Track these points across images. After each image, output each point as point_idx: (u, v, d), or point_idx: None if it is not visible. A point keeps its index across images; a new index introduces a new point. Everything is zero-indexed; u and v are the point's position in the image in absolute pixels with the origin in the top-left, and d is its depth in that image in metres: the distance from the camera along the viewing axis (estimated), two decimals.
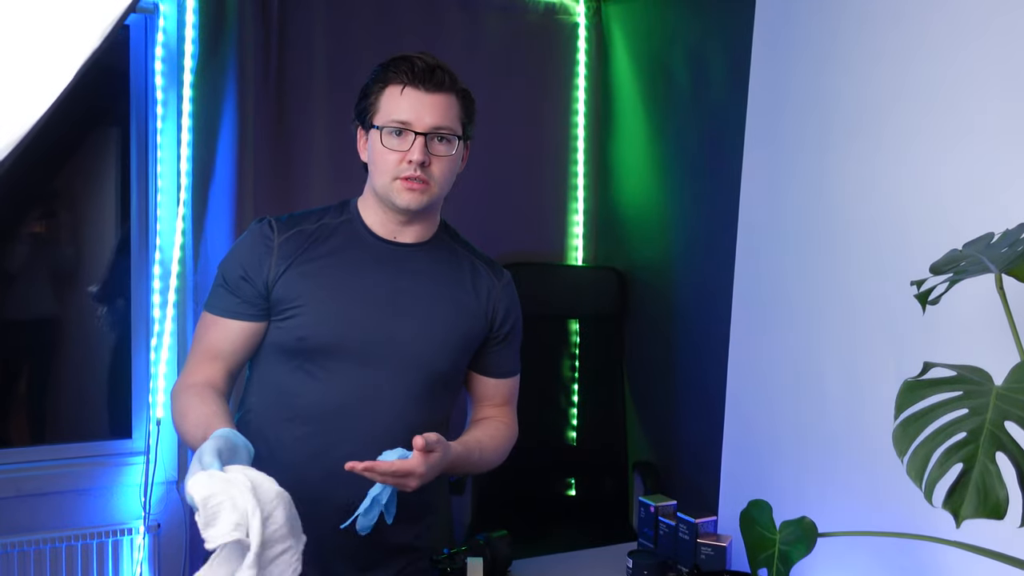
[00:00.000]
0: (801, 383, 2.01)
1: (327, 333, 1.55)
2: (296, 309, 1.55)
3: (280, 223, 1.59)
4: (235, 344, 1.58)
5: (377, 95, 1.53)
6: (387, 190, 1.53)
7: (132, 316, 2.65)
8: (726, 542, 1.88)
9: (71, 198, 2.72)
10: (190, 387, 1.53)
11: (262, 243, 1.57)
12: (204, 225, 2.56)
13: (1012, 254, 1.25)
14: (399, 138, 1.50)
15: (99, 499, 2.59)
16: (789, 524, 1.38)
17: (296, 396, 1.56)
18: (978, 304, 1.47)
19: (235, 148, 2.54)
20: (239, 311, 1.56)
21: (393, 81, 1.52)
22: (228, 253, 1.62)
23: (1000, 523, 1.10)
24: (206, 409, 1.46)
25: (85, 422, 2.74)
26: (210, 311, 1.59)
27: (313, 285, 1.55)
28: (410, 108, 1.50)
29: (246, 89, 2.53)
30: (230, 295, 1.56)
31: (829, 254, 1.94)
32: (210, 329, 1.58)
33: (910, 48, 1.75)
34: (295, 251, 1.56)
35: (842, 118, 1.92)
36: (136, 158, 2.63)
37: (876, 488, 1.78)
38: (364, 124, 1.56)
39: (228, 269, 1.58)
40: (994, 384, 0.98)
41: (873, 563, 1.75)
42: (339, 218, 1.61)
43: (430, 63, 1.52)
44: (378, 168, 1.53)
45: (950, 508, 0.89)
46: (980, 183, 1.60)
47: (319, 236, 1.59)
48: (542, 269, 3.05)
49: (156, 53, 2.55)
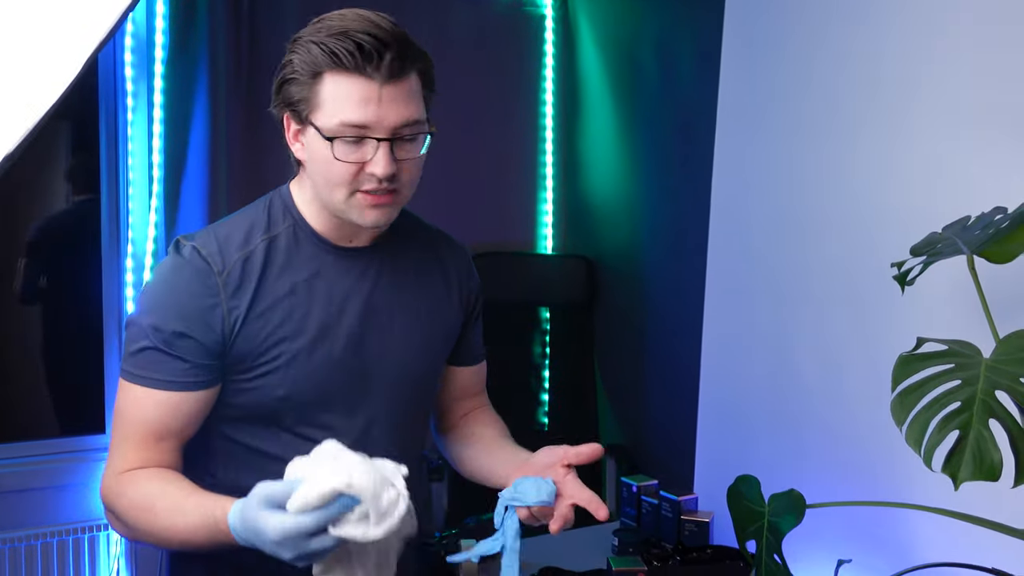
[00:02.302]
0: (775, 365, 2.08)
1: (315, 386, 1.26)
2: (270, 364, 1.23)
3: (214, 251, 1.22)
4: (188, 418, 1.23)
5: (311, 84, 1.18)
6: (344, 207, 1.21)
7: (104, 311, 2.62)
8: (708, 518, 1.95)
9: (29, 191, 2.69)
10: (136, 475, 1.20)
11: (200, 286, 1.21)
12: (176, 219, 2.55)
13: (984, 236, 1.32)
14: (354, 145, 1.17)
15: (75, 495, 2.57)
16: (778, 496, 1.44)
17: (284, 464, 1.13)
18: (952, 285, 1.55)
19: (207, 140, 2.53)
20: (187, 379, 1.21)
21: (332, 68, 1.16)
22: (148, 302, 1.23)
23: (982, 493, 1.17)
24: (183, 488, 1.18)
25: (56, 418, 2.71)
26: (142, 384, 1.20)
27: (286, 329, 1.24)
28: (365, 108, 1.16)
29: (217, 80, 2.52)
30: (170, 360, 1.19)
31: (801, 238, 2.01)
32: (146, 405, 1.21)
33: (881, 36, 1.82)
34: (248, 286, 1.22)
35: (814, 105, 1.99)
36: (106, 151, 2.60)
37: (850, 462, 1.86)
38: (296, 115, 1.22)
39: (159, 325, 1.19)
40: (983, 357, 1.05)
41: (849, 534, 1.83)
42: (282, 225, 1.28)
43: (380, 37, 1.16)
44: (327, 180, 1.20)
45: (948, 472, 0.95)
46: (951, 169, 1.68)
47: (270, 257, 1.25)
48: (512, 258, 3.09)
49: (125, 44, 2.52)
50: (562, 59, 3.13)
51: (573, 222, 3.16)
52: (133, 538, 1.23)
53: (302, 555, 1.03)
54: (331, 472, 1.01)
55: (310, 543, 1.02)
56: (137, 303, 1.26)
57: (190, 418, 1.24)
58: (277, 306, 1.24)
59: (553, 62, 3.12)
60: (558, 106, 3.14)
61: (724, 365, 2.26)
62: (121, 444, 1.22)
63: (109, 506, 1.23)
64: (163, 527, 1.17)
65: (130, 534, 1.23)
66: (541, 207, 3.16)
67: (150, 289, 1.25)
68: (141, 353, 1.21)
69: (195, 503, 1.16)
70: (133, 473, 1.21)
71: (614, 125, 2.92)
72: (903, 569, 1.17)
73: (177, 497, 1.18)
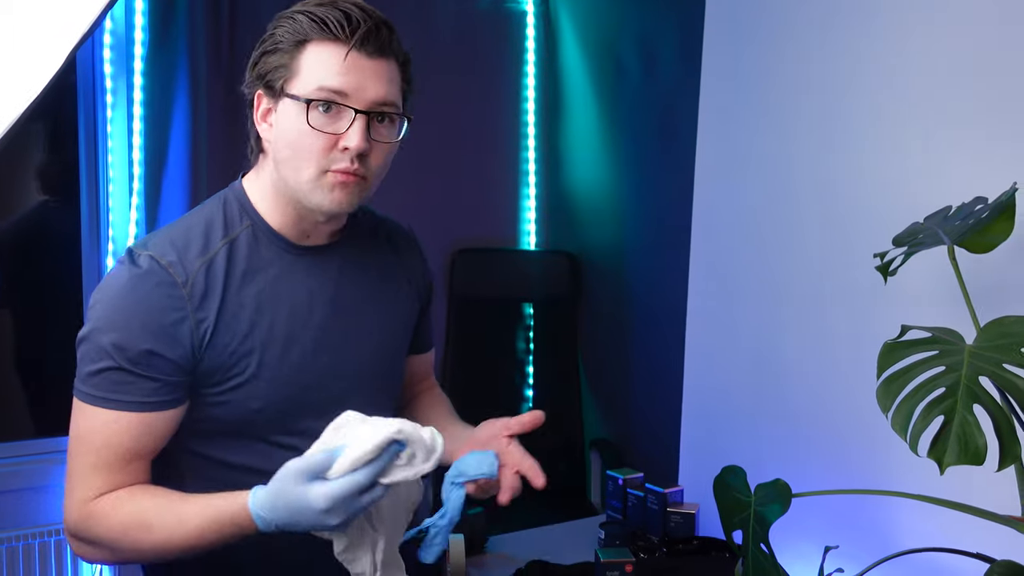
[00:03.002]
0: (758, 357, 2.09)
1: (290, 394, 1.22)
2: (241, 375, 1.19)
3: (174, 260, 1.16)
4: (159, 438, 1.18)
5: (293, 52, 1.15)
6: (309, 187, 1.17)
7: (84, 311, 2.59)
8: (694, 510, 1.96)
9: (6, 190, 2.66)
10: (116, 498, 1.14)
11: (164, 298, 1.14)
12: (157, 217, 2.53)
13: (964, 227, 1.34)
14: (329, 115, 1.15)
15: (53, 496, 2.54)
16: (764, 486, 1.45)
17: (261, 476, 1.13)
18: (933, 275, 1.56)
19: (188, 138, 2.51)
20: (158, 399, 1.15)
21: (319, 37, 1.14)
22: (106, 317, 1.13)
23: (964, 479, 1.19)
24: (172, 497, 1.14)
25: (36, 418, 2.69)
26: (108, 407, 1.13)
27: (255, 338, 1.19)
28: (346, 75, 1.14)
29: (198, 77, 2.51)
30: (137, 380, 1.13)
31: (784, 231, 2.03)
32: (113, 430, 1.14)
33: (862, 30, 1.84)
34: (214, 296, 1.17)
35: (796, 98, 2.00)
36: (85, 150, 2.57)
37: (833, 452, 1.88)
38: (270, 89, 1.17)
39: (122, 344, 1.12)
40: (966, 343, 1.06)
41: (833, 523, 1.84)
42: (240, 225, 1.23)
43: (368, 12, 1.17)
44: (298, 156, 1.16)
45: (934, 456, 0.97)
46: (935, 159, 1.70)
47: (232, 263, 1.20)
48: (495, 254, 3.10)
49: (104, 41, 2.50)
50: (544, 55, 3.13)
51: (556, 218, 3.17)
52: (113, 562, 1.20)
53: (352, 515, 1.06)
54: (375, 426, 1.06)
55: (361, 500, 1.05)
56: (89, 318, 1.15)
57: (161, 438, 1.18)
58: (243, 314, 1.19)
59: (535, 58, 3.13)
60: (540, 102, 3.14)
61: (707, 358, 2.27)
62: (85, 471, 1.15)
63: (81, 536, 1.16)
64: (162, 540, 1.13)
65: (111, 557, 1.17)
66: (524, 203, 3.16)
67: (105, 303, 1.15)
68: (102, 374, 1.13)
69: (197, 507, 1.13)
70: (107, 498, 1.15)
71: (596, 121, 2.93)
72: (888, 555, 1.19)
73: (172, 507, 1.14)
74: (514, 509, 2.69)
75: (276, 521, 1.08)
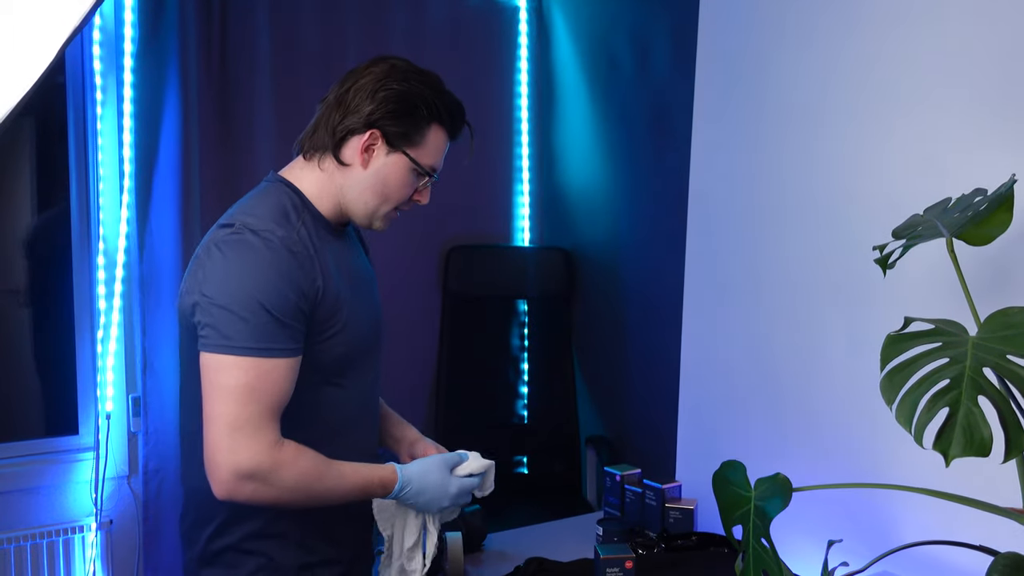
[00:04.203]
0: (755, 351, 2.09)
1: (360, 342, 1.48)
2: (336, 326, 1.42)
3: (283, 234, 1.37)
4: (295, 384, 1.38)
5: (426, 128, 1.46)
6: (375, 213, 1.48)
7: (75, 309, 2.58)
8: (693, 505, 1.95)
9: None
10: (297, 447, 1.35)
11: (294, 262, 1.36)
12: (148, 216, 2.51)
13: (963, 219, 1.33)
14: (417, 177, 1.48)
15: (48, 498, 2.52)
16: (764, 481, 1.44)
17: (319, 410, 1.44)
18: (932, 267, 1.56)
19: (179, 135, 2.49)
20: (299, 345, 1.37)
21: (443, 124, 1.47)
22: (250, 280, 1.33)
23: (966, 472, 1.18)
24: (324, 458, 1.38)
25: (27, 420, 2.66)
26: (270, 356, 1.32)
27: (341, 296, 1.43)
28: (441, 158, 1.51)
29: (188, 73, 2.48)
30: (289, 329, 1.34)
31: (781, 224, 2.02)
32: (278, 375, 1.34)
33: (859, 21, 1.83)
34: (313, 261, 1.40)
35: (792, 92, 2.00)
36: (75, 148, 2.55)
37: (832, 446, 1.87)
38: (392, 141, 1.44)
39: (277, 298, 1.33)
40: (969, 335, 1.06)
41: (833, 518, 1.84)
42: (303, 211, 1.45)
43: (464, 113, 1.51)
44: (382, 195, 1.46)
45: (939, 449, 0.96)
46: (930, 153, 1.69)
47: (311, 237, 1.42)
48: (489, 251, 3.08)
49: (93, 37, 2.48)
50: (536, 50, 3.12)
51: (550, 214, 3.16)
52: (281, 505, 1.37)
53: (457, 503, 1.51)
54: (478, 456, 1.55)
55: (466, 496, 1.51)
56: (223, 284, 1.33)
57: (293, 387, 1.37)
58: (330, 276, 1.41)
59: (527, 53, 3.11)
60: (533, 98, 3.13)
61: (704, 352, 2.27)
62: (261, 419, 1.31)
63: (266, 478, 1.32)
64: (325, 490, 1.38)
65: (287, 499, 1.35)
66: (517, 199, 3.15)
67: (244, 268, 1.33)
68: (260, 327, 1.31)
69: (351, 468, 1.41)
70: (288, 445, 1.34)
71: (590, 116, 2.92)
72: (891, 549, 1.18)
73: (330, 463, 1.38)
74: (510, 507, 2.68)
75: (411, 490, 1.44)
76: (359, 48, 2.72)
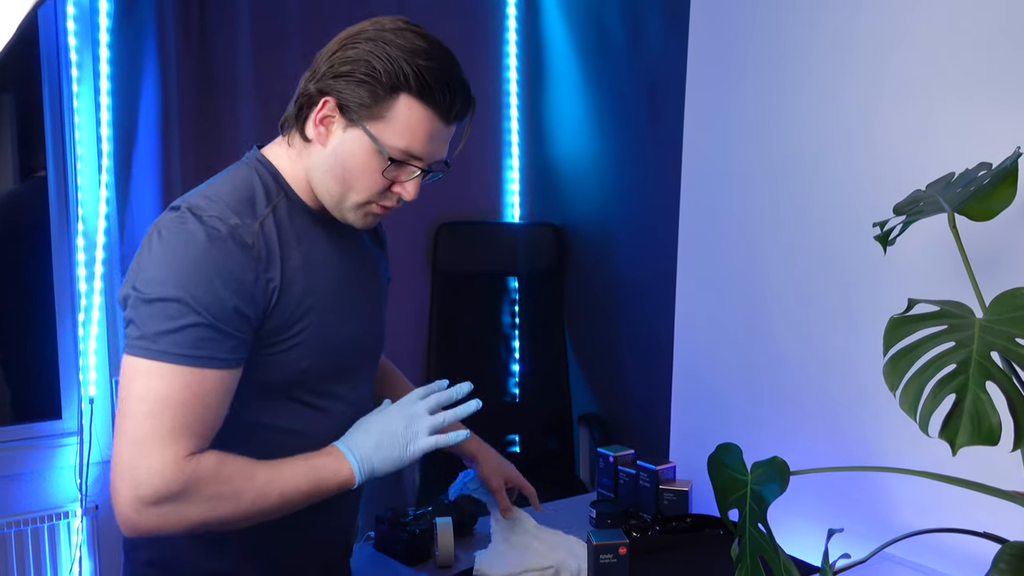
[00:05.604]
0: (750, 330, 2.05)
1: (331, 356, 1.26)
2: (297, 336, 1.21)
3: (238, 222, 1.15)
4: (229, 399, 1.16)
5: (387, 100, 1.17)
6: (346, 208, 1.23)
7: (56, 293, 2.52)
8: (687, 487, 1.92)
9: None
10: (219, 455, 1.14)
11: (242, 258, 1.14)
12: (128, 194, 2.45)
13: (965, 194, 1.29)
14: (399, 169, 1.21)
15: (31, 484, 2.49)
16: (760, 464, 1.40)
17: (295, 435, 1.23)
18: (934, 244, 1.52)
19: (158, 111, 2.43)
20: (238, 356, 1.15)
21: (419, 96, 1.17)
22: (184, 275, 1.10)
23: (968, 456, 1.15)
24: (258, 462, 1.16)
25: (8, 405, 2.62)
26: (195, 364, 1.10)
27: (308, 300, 1.21)
28: (431, 143, 1.20)
29: (167, 47, 2.42)
30: (224, 337, 1.12)
31: (776, 200, 1.97)
32: (204, 388, 1.12)
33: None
34: (275, 257, 1.18)
35: (788, 63, 1.94)
36: (51, 125, 2.48)
37: (828, 428, 1.84)
38: (348, 113, 1.18)
39: (211, 301, 1.10)
40: (976, 317, 1.01)
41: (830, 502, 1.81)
42: (276, 196, 1.23)
43: (467, 91, 1.23)
44: (349, 182, 1.20)
45: (946, 437, 0.92)
46: (933, 128, 1.64)
47: (279, 227, 1.20)
48: (479, 227, 3.03)
49: (68, 11, 2.41)
50: (526, 21, 3.05)
51: (540, 189, 3.11)
52: (204, 524, 1.13)
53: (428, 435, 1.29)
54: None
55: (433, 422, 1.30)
56: (154, 276, 1.11)
57: (228, 400, 1.16)
58: (297, 277, 1.21)
59: (516, 24, 3.05)
60: (522, 71, 3.07)
61: (698, 331, 2.22)
62: (172, 432, 1.09)
63: (178, 498, 1.10)
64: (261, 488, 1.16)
65: (205, 516, 1.12)
66: (507, 175, 3.10)
67: (180, 260, 1.11)
68: (185, 331, 1.09)
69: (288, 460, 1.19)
70: (209, 455, 1.13)
71: (581, 90, 2.86)
72: (895, 537, 1.14)
73: (269, 462, 1.17)
74: None
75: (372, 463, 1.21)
76: (345, 15, 2.64)
